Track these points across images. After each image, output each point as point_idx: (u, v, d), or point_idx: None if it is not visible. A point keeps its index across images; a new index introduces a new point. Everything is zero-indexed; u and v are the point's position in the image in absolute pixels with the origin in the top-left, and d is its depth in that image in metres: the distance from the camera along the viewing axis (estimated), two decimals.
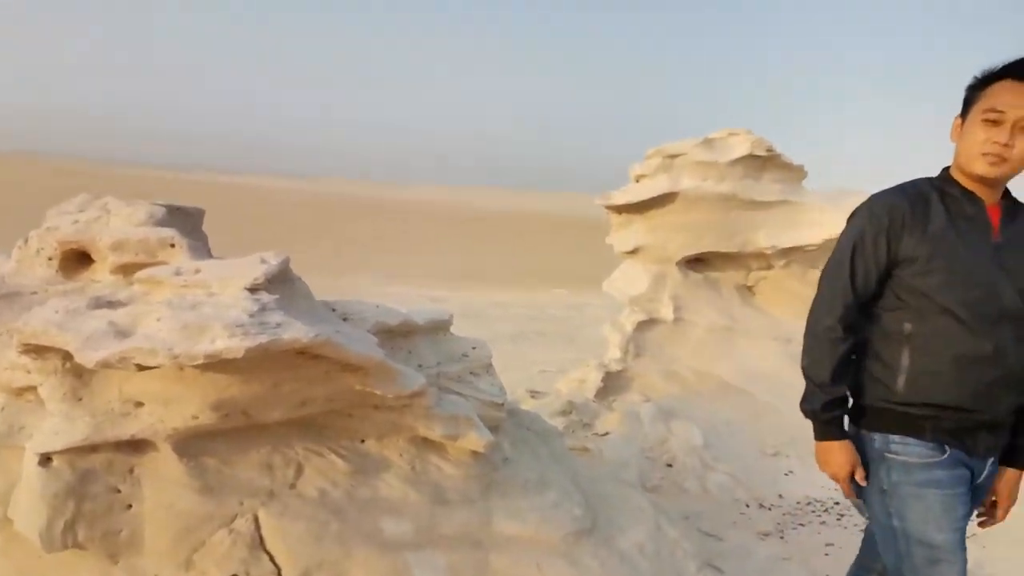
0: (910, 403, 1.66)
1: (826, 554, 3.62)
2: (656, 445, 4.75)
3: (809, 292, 6.84)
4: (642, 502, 3.07)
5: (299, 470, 2.21)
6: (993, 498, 1.79)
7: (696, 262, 6.22)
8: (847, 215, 1.83)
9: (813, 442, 1.85)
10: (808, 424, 1.87)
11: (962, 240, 1.60)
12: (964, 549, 1.63)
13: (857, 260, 1.70)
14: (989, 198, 1.65)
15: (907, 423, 1.67)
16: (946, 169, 1.72)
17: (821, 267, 6.70)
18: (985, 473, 1.70)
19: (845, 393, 1.77)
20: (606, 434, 4.87)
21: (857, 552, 2.25)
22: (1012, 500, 1.77)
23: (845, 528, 3.96)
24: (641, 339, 5.79)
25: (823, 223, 5.71)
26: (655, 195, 5.50)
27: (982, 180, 1.62)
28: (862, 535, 3.89)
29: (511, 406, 3.19)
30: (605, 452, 4.52)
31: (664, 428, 4.93)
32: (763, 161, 5.60)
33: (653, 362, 5.79)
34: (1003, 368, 1.59)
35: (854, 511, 4.20)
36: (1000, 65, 1.59)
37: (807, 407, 1.79)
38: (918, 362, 1.64)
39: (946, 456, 1.63)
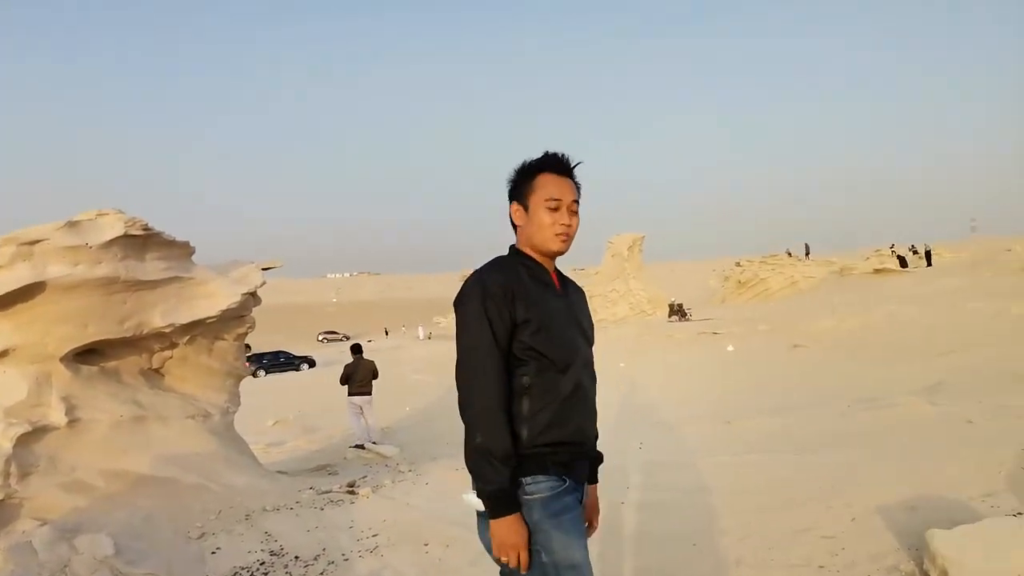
0: (534, 445, 1.82)
1: None
2: (56, 573, 4.11)
3: (218, 364, 6.81)
4: None
5: None
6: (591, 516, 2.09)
7: (89, 354, 5.66)
8: (238, 284, 1.83)
9: (250, 511, 1.78)
10: (233, 487, 1.77)
11: (549, 303, 1.89)
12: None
13: (496, 334, 1.81)
14: (550, 267, 1.99)
15: (534, 463, 1.83)
16: (513, 246, 2.01)
17: (228, 336, 6.68)
18: (584, 497, 1.97)
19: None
20: None
21: None
22: (598, 510, 2.12)
23: None
24: (27, 455, 4.94)
25: (217, 294, 5.87)
26: (16, 288, 4.80)
27: (554, 255, 1.96)
28: None
29: None
30: None
31: (66, 549, 4.30)
32: (143, 240, 5.45)
33: (48, 477, 5.00)
34: (587, 405, 1.93)
35: (277, 565, 4.39)
36: (538, 160, 1.94)
37: (492, 487, 1.77)
38: (535, 408, 1.83)
39: (568, 483, 1.86)
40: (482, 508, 1.82)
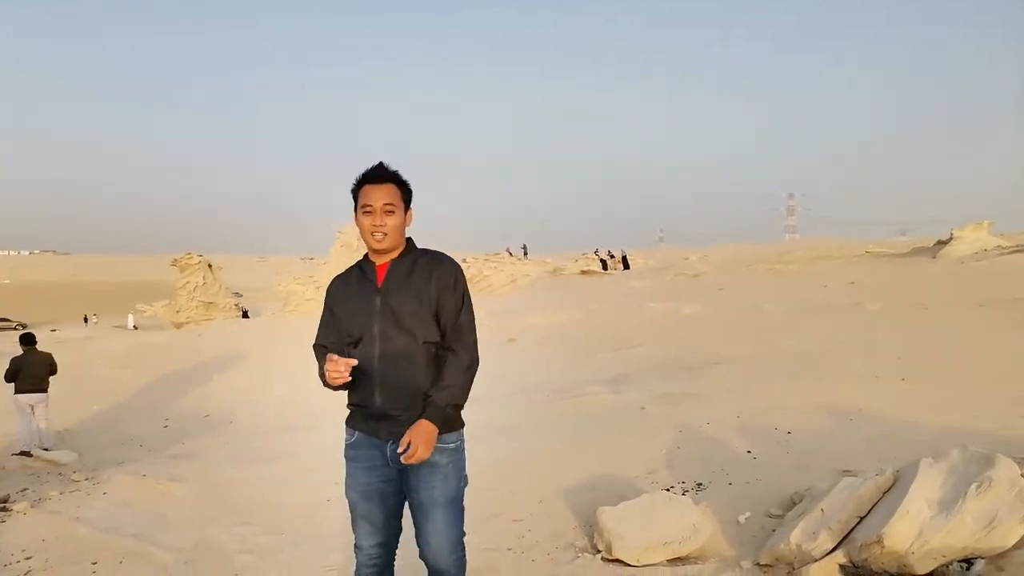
0: (350, 404, 2.46)
1: None
2: None
3: None
4: None
5: None
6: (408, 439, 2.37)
7: None
8: None
9: None
10: None
11: (357, 293, 2.43)
12: (370, 501, 2.41)
13: (324, 317, 2.53)
14: (384, 261, 2.45)
15: (349, 417, 2.48)
16: None
17: None
18: (389, 453, 2.37)
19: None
20: None
21: None
22: (419, 438, 2.27)
23: None
24: None
25: None
26: None
27: (379, 251, 2.43)
28: None
29: None
30: None
31: None
32: None
33: None
34: (377, 375, 2.35)
35: None
36: (363, 174, 2.40)
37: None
38: (352, 376, 2.29)
39: (355, 438, 2.44)
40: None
